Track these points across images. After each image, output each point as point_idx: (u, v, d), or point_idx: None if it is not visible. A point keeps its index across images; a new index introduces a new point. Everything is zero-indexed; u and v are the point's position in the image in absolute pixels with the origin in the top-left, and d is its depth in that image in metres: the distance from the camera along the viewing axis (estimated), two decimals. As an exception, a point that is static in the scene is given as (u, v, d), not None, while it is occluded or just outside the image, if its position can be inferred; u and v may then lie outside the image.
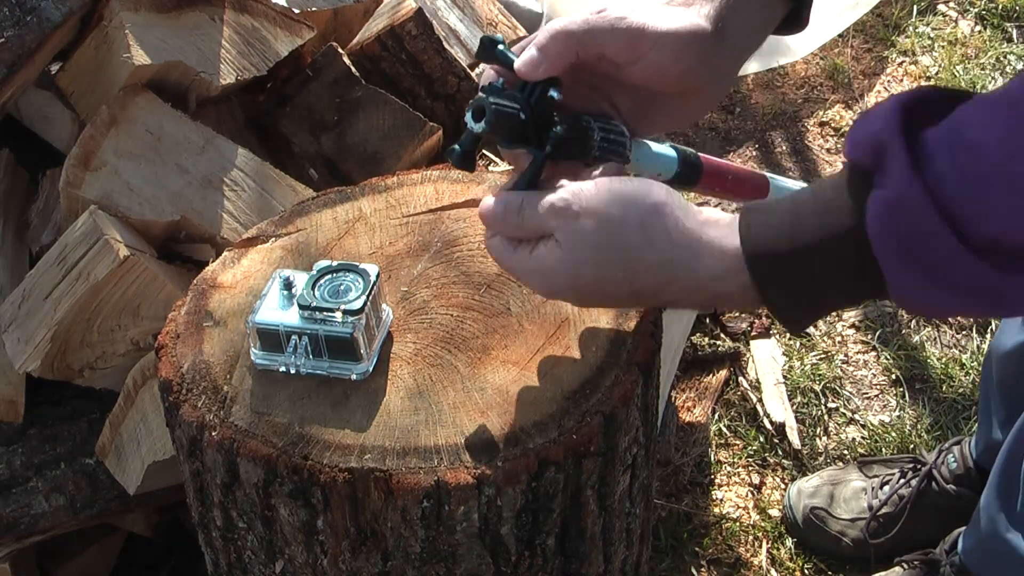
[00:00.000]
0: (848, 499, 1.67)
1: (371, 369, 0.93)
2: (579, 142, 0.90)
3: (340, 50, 1.54)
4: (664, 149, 1.00)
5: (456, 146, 0.90)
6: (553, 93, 0.89)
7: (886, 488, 1.65)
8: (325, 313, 0.91)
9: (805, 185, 0.88)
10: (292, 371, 0.93)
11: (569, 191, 0.82)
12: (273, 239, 1.10)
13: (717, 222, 0.80)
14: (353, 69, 1.53)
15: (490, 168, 1.43)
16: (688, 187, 1.06)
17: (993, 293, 0.70)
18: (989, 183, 0.67)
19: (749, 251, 0.77)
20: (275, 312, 0.93)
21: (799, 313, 0.79)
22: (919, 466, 1.65)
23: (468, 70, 1.66)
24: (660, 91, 0.91)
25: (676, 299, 0.83)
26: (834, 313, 2.08)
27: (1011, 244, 0.67)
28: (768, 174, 1.09)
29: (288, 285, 0.94)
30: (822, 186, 0.78)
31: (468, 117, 0.88)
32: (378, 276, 0.94)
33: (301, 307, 0.92)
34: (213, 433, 0.89)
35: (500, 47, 0.90)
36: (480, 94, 0.88)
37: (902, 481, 1.63)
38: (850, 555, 1.64)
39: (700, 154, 1.04)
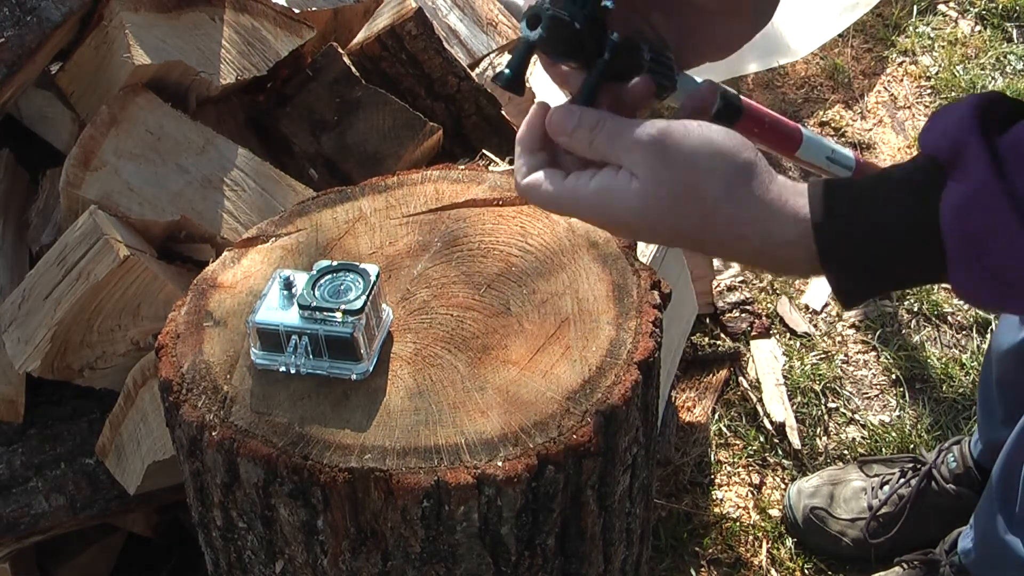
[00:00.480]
0: (848, 499, 1.67)
1: (371, 369, 0.93)
2: (630, 60, 0.87)
3: (340, 50, 1.54)
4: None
5: (505, 68, 0.86)
6: (607, 2, 0.87)
7: (886, 488, 1.65)
8: (325, 313, 0.91)
9: (841, 148, 0.88)
10: (292, 371, 0.93)
11: (657, 127, 0.80)
12: (273, 239, 1.10)
13: (799, 190, 0.79)
14: (353, 69, 1.53)
15: (490, 168, 1.43)
16: (726, 126, 1.04)
17: None
18: None
19: (816, 222, 0.77)
20: (275, 312, 0.93)
21: (854, 288, 0.79)
22: (919, 466, 1.65)
23: (468, 70, 1.66)
24: (705, 8, 0.90)
25: (738, 256, 0.81)
26: (836, 313, 2.08)
27: None
28: (802, 128, 1.09)
29: (288, 285, 0.94)
30: (890, 174, 0.78)
31: (522, 26, 0.84)
32: (378, 276, 0.94)
33: (301, 307, 0.92)
34: (213, 433, 0.89)
35: None
36: (532, 4, 0.84)
37: (902, 481, 1.63)
38: (850, 555, 1.64)
39: (741, 96, 1.03)
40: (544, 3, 0.85)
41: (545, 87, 2.09)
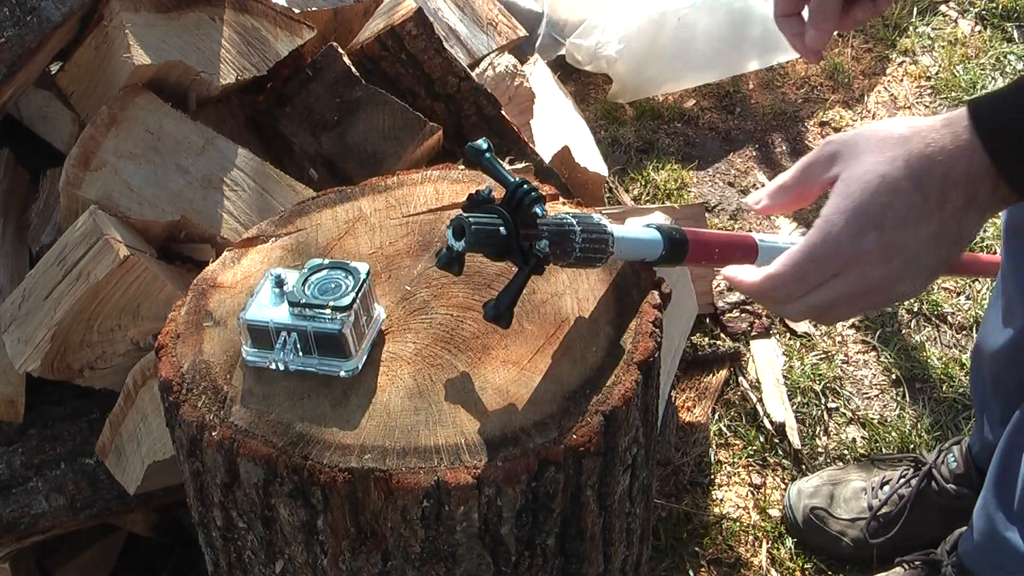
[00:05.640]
0: (848, 499, 1.67)
1: (360, 366, 0.93)
2: (560, 247, 0.91)
3: (340, 50, 1.54)
4: (648, 233, 1.00)
5: (444, 252, 0.90)
6: (538, 210, 0.89)
7: (886, 488, 1.65)
8: (315, 310, 0.92)
9: (793, 242, 0.92)
10: (281, 368, 0.93)
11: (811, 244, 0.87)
12: (273, 239, 1.10)
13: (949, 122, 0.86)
14: (353, 69, 1.53)
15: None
16: (675, 264, 1.05)
17: None
18: None
19: (973, 106, 0.84)
20: (266, 309, 0.93)
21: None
22: (919, 466, 1.65)
23: (468, 70, 1.66)
24: None
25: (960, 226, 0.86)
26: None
27: None
28: (756, 236, 1.09)
29: (280, 283, 0.94)
30: None
31: (448, 234, 0.87)
32: (368, 274, 0.94)
33: (291, 304, 0.92)
34: (213, 433, 0.89)
35: (488, 155, 0.91)
36: (461, 212, 0.88)
37: (902, 481, 1.63)
38: (850, 555, 1.64)
39: (685, 228, 1.04)
40: (475, 206, 0.89)
41: (544, 88, 2.10)
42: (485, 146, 0.92)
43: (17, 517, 1.35)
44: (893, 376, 1.95)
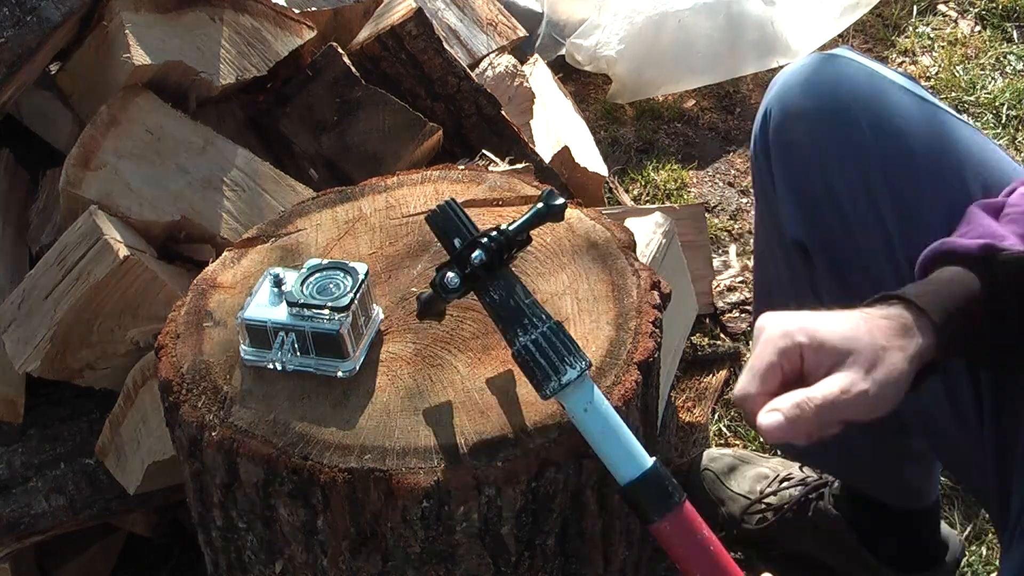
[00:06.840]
0: (747, 478, 1.66)
1: (357, 367, 0.93)
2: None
3: (340, 50, 1.54)
4: (634, 446, 0.86)
5: (423, 296, 0.93)
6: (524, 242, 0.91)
7: (784, 484, 1.62)
8: (313, 310, 0.92)
9: None
10: (279, 367, 0.93)
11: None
12: (273, 239, 1.10)
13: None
14: (353, 69, 1.53)
15: (490, 168, 1.43)
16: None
17: None
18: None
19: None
20: (264, 309, 0.93)
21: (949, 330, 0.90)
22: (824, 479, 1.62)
23: (468, 70, 1.66)
24: None
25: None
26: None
27: None
28: None
29: (278, 283, 0.94)
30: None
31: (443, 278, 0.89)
32: (367, 275, 0.94)
33: (289, 304, 0.92)
34: (213, 433, 0.89)
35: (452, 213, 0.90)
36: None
37: (800, 486, 1.61)
38: (720, 526, 1.63)
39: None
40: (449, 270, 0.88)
41: (544, 88, 2.10)
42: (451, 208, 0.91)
43: (17, 517, 1.35)
44: (893, 376, 1.95)
